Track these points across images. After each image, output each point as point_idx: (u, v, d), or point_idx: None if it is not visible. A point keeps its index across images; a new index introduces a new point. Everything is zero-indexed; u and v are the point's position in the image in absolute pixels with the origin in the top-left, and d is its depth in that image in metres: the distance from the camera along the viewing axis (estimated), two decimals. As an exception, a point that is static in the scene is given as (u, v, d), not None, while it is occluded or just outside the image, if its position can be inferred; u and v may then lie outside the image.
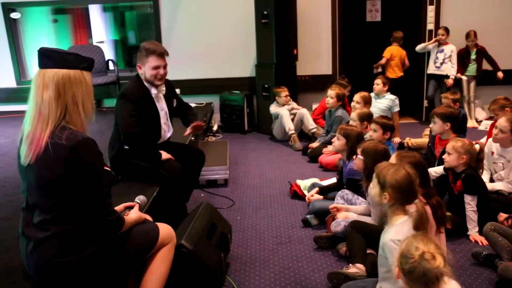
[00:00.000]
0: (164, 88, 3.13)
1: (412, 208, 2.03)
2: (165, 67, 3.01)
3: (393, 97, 5.46)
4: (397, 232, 1.98)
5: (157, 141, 3.17)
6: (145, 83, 3.02)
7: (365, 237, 2.66)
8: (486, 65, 6.52)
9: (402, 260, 1.66)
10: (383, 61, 6.64)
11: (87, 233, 1.73)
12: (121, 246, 1.84)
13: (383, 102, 5.44)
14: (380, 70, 6.85)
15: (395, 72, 6.70)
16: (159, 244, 1.99)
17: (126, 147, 3.04)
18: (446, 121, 3.73)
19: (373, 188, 2.15)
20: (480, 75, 6.48)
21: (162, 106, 3.14)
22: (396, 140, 5.26)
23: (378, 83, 5.48)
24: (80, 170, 1.66)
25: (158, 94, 3.09)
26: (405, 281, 1.66)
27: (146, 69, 2.97)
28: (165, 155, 3.04)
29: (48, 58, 1.72)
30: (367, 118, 4.39)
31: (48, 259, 1.67)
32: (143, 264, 1.98)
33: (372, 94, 5.57)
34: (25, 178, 1.75)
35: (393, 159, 2.69)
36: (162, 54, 2.97)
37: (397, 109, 5.46)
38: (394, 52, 6.76)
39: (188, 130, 3.28)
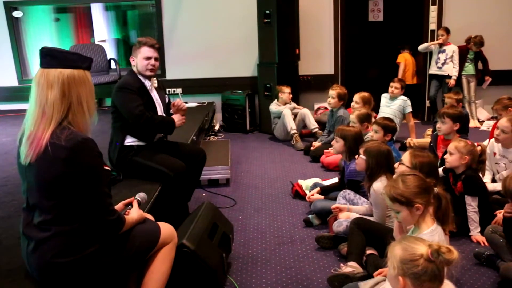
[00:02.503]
0: (156, 81, 3.23)
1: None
2: (156, 59, 3.11)
3: (404, 98, 5.46)
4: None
5: (155, 134, 3.20)
6: (139, 76, 3.11)
7: (369, 236, 2.66)
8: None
9: (406, 266, 1.59)
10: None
11: (87, 233, 1.72)
12: (121, 245, 1.83)
13: (395, 104, 5.44)
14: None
15: (410, 79, 6.83)
16: (160, 243, 1.98)
17: (127, 144, 3.05)
18: (456, 122, 3.79)
19: (401, 212, 2.09)
20: (479, 76, 6.48)
21: (156, 98, 3.20)
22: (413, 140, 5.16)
23: (397, 87, 5.44)
24: (79, 171, 1.65)
25: (151, 87, 3.17)
26: (415, 285, 1.59)
27: (138, 60, 3.08)
28: (177, 118, 3.15)
29: (51, 57, 1.71)
30: (366, 119, 4.39)
31: (48, 259, 1.66)
32: (144, 264, 1.97)
33: (386, 95, 5.56)
34: (25, 179, 1.74)
35: (406, 157, 2.73)
36: (153, 46, 3.10)
37: (409, 109, 5.44)
38: (407, 58, 6.89)
39: (174, 113, 3.26)
